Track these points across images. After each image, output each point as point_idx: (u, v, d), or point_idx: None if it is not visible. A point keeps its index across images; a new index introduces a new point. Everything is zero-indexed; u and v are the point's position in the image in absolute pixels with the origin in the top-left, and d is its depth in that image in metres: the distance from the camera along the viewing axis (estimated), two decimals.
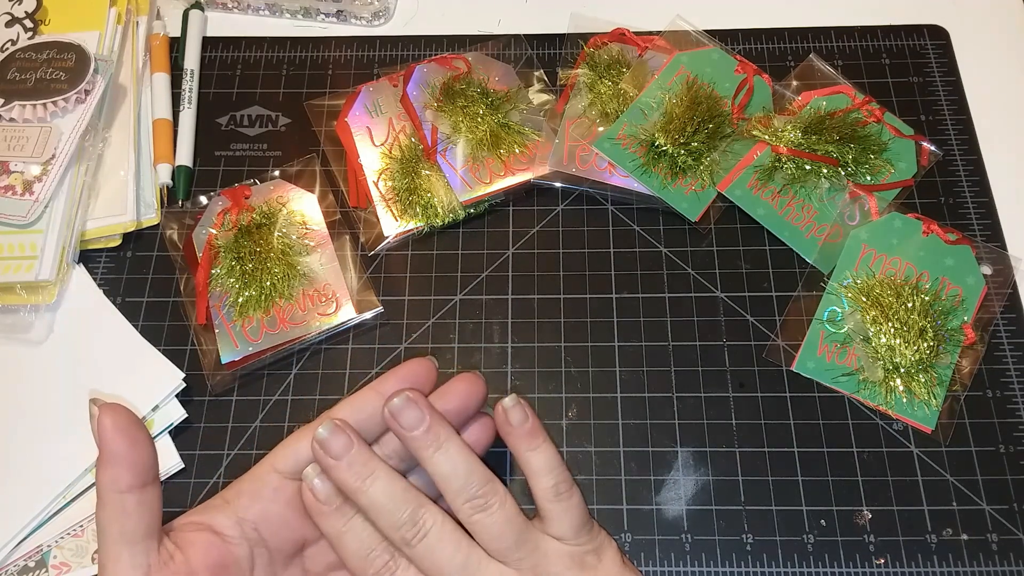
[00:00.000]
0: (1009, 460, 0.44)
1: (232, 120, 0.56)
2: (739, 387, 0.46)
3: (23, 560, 0.43)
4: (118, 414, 0.30)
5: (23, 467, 0.45)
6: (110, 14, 0.55)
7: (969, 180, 0.52)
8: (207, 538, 0.32)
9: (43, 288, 0.48)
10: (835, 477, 0.44)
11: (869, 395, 0.45)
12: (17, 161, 0.50)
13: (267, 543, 0.33)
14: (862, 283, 0.47)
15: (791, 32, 0.58)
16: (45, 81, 0.51)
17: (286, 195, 0.51)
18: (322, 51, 0.58)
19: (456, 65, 0.54)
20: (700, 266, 0.50)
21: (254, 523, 0.33)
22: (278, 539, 0.33)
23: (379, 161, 0.52)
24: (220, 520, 0.32)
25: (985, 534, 0.42)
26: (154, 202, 0.52)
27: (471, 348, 0.48)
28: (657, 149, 0.51)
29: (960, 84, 0.55)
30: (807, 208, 0.51)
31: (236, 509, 0.33)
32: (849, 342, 0.46)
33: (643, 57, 0.54)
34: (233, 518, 0.32)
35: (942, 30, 0.58)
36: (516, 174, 0.52)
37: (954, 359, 0.46)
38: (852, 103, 0.53)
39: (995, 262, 0.49)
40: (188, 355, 0.48)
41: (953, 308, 0.46)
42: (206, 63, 0.58)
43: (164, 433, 0.45)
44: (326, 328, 0.48)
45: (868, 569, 0.42)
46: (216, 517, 0.32)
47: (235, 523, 0.32)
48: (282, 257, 0.48)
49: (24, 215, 0.48)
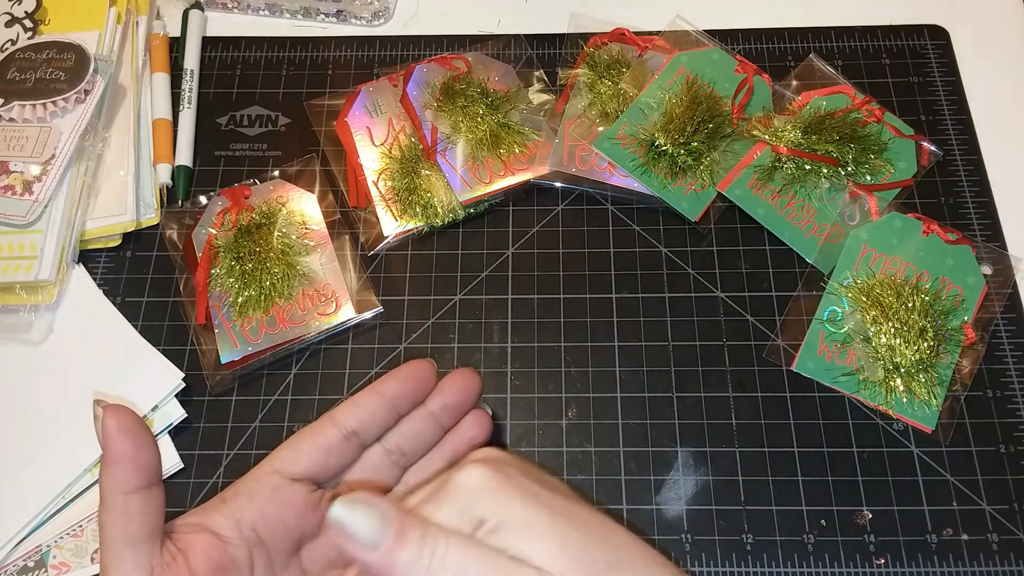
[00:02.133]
0: (1009, 460, 0.44)
1: (232, 120, 0.56)
2: (739, 387, 0.46)
3: (22, 560, 0.43)
4: (122, 415, 0.30)
5: (23, 467, 0.45)
6: (110, 14, 0.55)
7: (969, 180, 0.52)
8: (206, 539, 0.32)
9: (43, 288, 0.48)
10: (835, 477, 0.44)
11: (869, 395, 0.45)
12: (17, 161, 0.50)
13: (265, 544, 0.33)
14: (862, 283, 0.47)
15: (791, 32, 0.58)
16: (45, 81, 0.51)
17: (286, 195, 0.51)
18: (322, 51, 0.58)
19: (456, 65, 0.54)
20: (700, 266, 0.50)
21: (251, 524, 0.33)
22: (275, 539, 0.33)
23: (379, 161, 0.52)
24: (218, 521, 0.32)
25: (985, 534, 0.42)
26: (154, 202, 0.52)
27: (471, 348, 0.48)
28: (657, 149, 0.51)
29: (960, 84, 0.55)
30: (807, 208, 0.51)
31: (234, 510, 0.33)
32: (849, 342, 0.46)
33: (643, 57, 0.54)
34: (231, 519, 0.32)
35: (942, 30, 0.58)
36: (516, 174, 0.52)
37: (954, 359, 0.46)
38: (852, 103, 0.53)
39: (995, 262, 0.48)
40: (188, 355, 0.48)
41: (953, 308, 0.46)
42: (206, 63, 0.58)
43: (164, 433, 0.45)
44: (326, 328, 0.48)
45: (868, 569, 0.42)
46: (214, 518, 0.32)
47: (233, 524, 0.32)
48: (282, 257, 0.48)
49: (24, 215, 0.48)
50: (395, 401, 0.36)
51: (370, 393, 0.35)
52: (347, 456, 0.35)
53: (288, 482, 0.34)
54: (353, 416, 0.35)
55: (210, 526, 0.32)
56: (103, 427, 0.30)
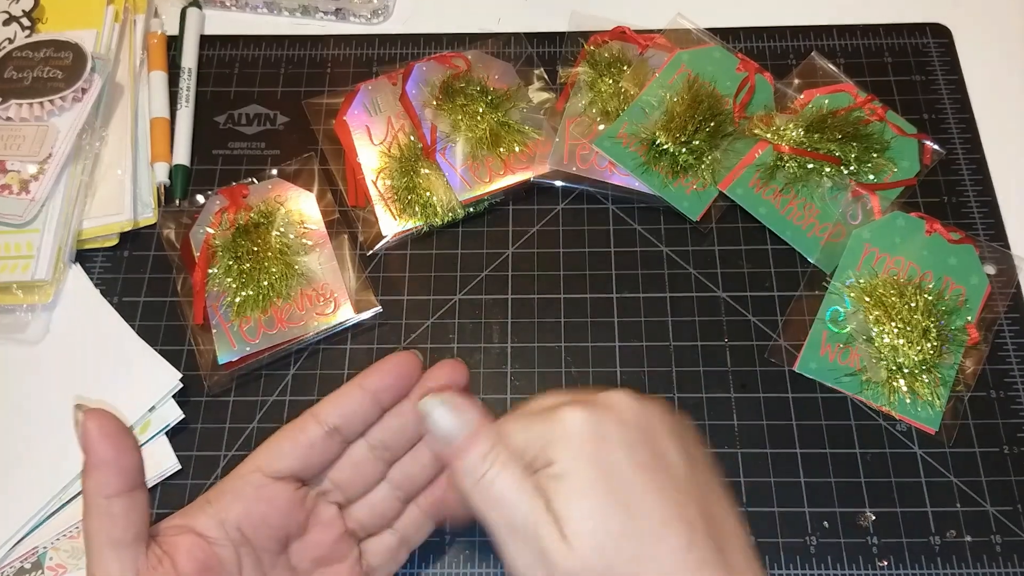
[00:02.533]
0: (1013, 461, 0.44)
1: (230, 119, 0.56)
2: (741, 387, 0.46)
3: (19, 562, 0.43)
4: (103, 419, 0.30)
5: (19, 468, 0.44)
6: (107, 12, 0.55)
7: (972, 179, 0.52)
8: (191, 540, 0.31)
9: (39, 288, 0.48)
10: (838, 478, 0.44)
11: (872, 396, 0.45)
12: (14, 160, 0.49)
13: (251, 543, 0.33)
14: (865, 283, 0.47)
15: (793, 30, 0.58)
16: (42, 80, 0.51)
17: (284, 194, 0.51)
18: (321, 49, 0.58)
19: (455, 63, 0.54)
20: (701, 265, 0.50)
21: (236, 523, 0.32)
22: (261, 538, 0.33)
23: (378, 160, 0.52)
24: (203, 522, 0.32)
25: (989, 536, 0.42)
26: (151, 201, 0.52)
27: (471, 348, 0.48)
28: (658, 148, 0.50)
29: (963, 82, 0.55)
30: (809, 207, 0.50)
31: (218, 510, 0.32)
32: (852, 342, 0.46)
33: (644, 55, 0.54)
34: (215, 519, 0.32)
35: (945, 28, 0.57)
36: (516, 173, 0.52)
37: (958, 359, 0.45)
38: (854, 101, 0.52)
39: (999, 262, 0.48)
40: (185, 355, 0.48)
41: (956, 308, 0.46)
42: (204, 61, 0.58)
43: (161, 434, 0.45)
44: (324, 328, 0.47)
45: (871, 571, 0.42)
46: (199, 519, 0.32)
47: (217, 524, 0.32)
48: (280, 257, 0.48)
49: (20, 214, 0.48)
50: (378, 395, 0.35)
51: (352, 388, 0.35)
52: (330, 452, 0.35)
53: (271, 481, 0.33)
54: (335, 412, 0.34)
55: (195, 527, 0.32)
56: (84, 431, 0.30)
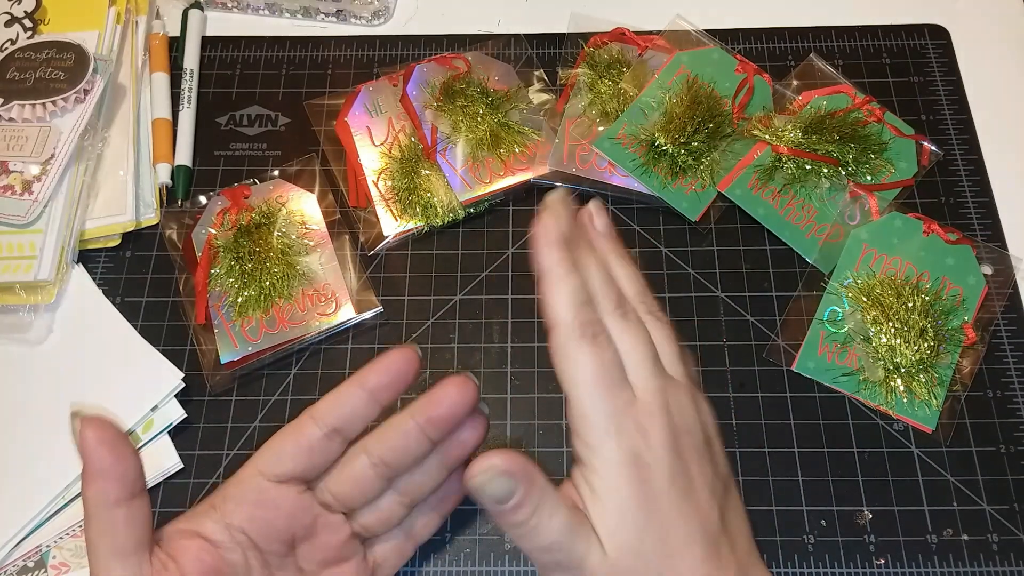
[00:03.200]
0: (1010, 460, 0.44)
1: (231, 120, 0.56)
2: (739, 387, 0.46)
3: (22, 560, 0.43)
4: (101, 427, 0.30)
5: (22, 467, 0.45)
6: (109, 13, 0.55)
7: (970, 180, 0.52)
8: (199, 545, 0.31)
9: (42, 288, 0.48)
10: (835, 477, 0.44)
11: (870, 395, 0.45)
12: (16, 161, 0.49)
13: (257, 546, 0.33)
14: (863, 283, 0.47)
15: (791, 32, 0.58)
16: (44, 81, 0.51)
17: (286, 195, 0.51)
18: (322, 51, 0.58)
19: (456, 65, 0.54)
20: (700, 266, 0.50)
21: (241, 527, 0.32)
22: (266, 540, 0.33)
23: (379, 161, 0.52)
24: (208, 526, 0.32)
25: (985, 534, 0.42)
26: (153, 202, 0.52)
27: (471, 348, 0.48)
28: (657, 149, 0.51)
29: (961, 84, 0.55)
30: (807, 208, 0.51)
31: (223, 514, 0.32)
32: (850, 342, 0.46)
33: (643, 56, 0.54)
34: (221, 523, 0.32)
35: (943, 30, 0.57)
36: (516, 174, 0.52)
37: (955, 359, 0.46)
38: (852, 103, 0.53)
39: (996, 262, 0.48)
40: (187, 355, 0.48)
41: (954, 308, 0.46)
42: (205, 62, 0.58)
43: (163, 433, 0.45)
44: (325, 328, 0.48)
45: (868, 569, 0.42)
46: (204, 523, 0.32)
47: (223, 528, 0.32)
48: (281, 257, 0.48)
49: (23, 215, 0.48)
50: (376, 393, 0.34)
51: (350, 386, 0.34)
52: (331, 453, 0.34)
53: (274, 484, 0.33)
54: (334, 413, 0.33)
55: (202, 532, 0.32)
56: (82, 440, 0.29)
